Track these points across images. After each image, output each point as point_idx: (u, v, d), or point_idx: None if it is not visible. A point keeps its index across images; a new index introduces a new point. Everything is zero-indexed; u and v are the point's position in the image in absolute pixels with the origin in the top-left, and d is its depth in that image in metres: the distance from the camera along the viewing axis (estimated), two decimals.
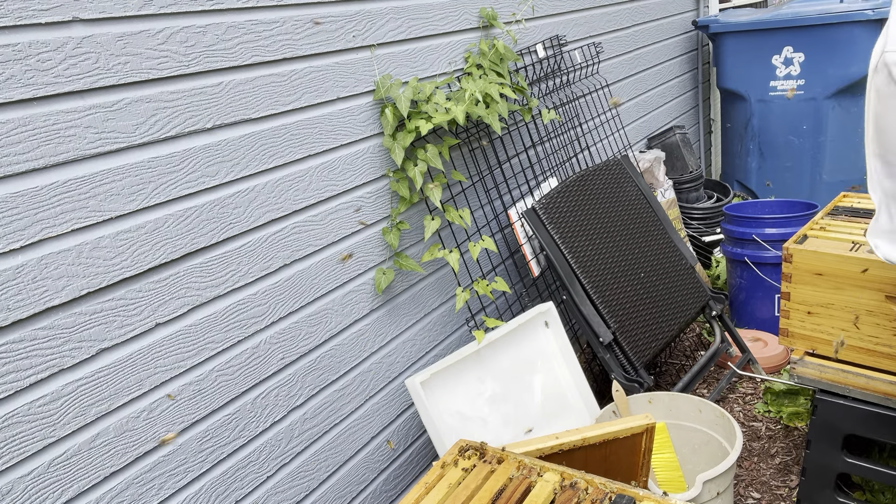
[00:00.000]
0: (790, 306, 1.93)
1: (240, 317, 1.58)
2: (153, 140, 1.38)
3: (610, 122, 3.13)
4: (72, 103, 1.25)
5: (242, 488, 1.61)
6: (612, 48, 3.25)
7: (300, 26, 1.68)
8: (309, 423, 1.78)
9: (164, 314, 1.42)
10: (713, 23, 3.79)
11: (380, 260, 1.97)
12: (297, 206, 1.70)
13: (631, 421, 1.57)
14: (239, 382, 1.59)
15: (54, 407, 1.25)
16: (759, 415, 2.56)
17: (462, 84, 2.09)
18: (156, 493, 1.42)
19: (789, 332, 1.96)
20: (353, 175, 1.85)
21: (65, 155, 1.24)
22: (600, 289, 2.34)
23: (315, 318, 1.77)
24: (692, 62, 4.23)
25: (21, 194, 1.18)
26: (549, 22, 2.73)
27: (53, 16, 1.21)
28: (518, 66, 2.50)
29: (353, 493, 1.93)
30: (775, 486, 2.20)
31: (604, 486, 1.21)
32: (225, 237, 1.53)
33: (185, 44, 1.43)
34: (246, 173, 1.57)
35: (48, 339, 1.23)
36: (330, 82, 1.77)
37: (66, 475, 1.27)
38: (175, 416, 1.45)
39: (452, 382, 2.00)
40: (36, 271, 1.21)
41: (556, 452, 1.51)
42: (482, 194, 2.37)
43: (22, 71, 1.17)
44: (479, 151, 2.33)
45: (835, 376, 1.82)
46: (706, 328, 3.15)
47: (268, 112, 1.61)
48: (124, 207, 1.34)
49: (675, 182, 3.59)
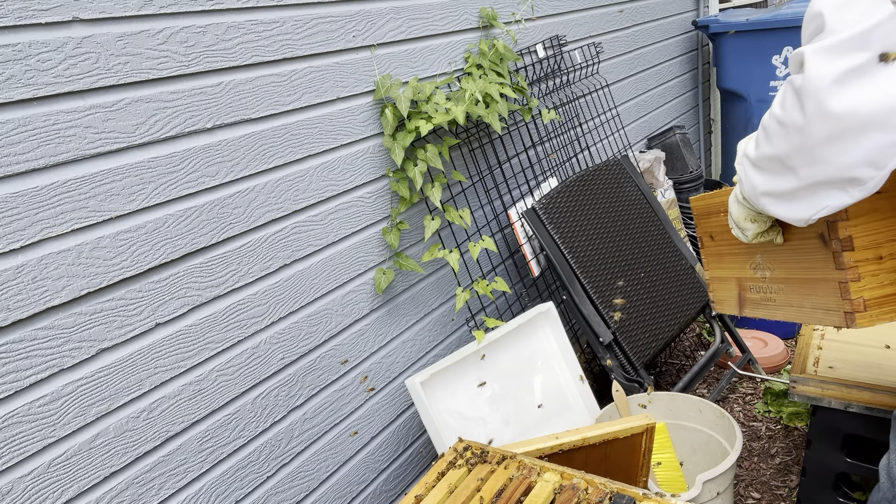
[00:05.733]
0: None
1: (240, 317, 1.58)
2: (153, 140, 1.38)
3: (610, 122, 3.13)
4: (72, 103, 1.25)
5: (242, 488, 1.61)
6: (612, 48, 3.24)
7: (300, 26, 1.68)
8: (309, 423, 1.78)
9: (164, 314, 1.42)
10: (713, 23, 3.79)
11: (380, 260, 1.97)
12: (297, 206, 1.70)
13: (631, 421, 1.57)
14: (239, 382, 1.59)
15: (54, 407, 1.25)
16: (759, 415, 2.56)
17: (462, 84, 2.09)
18: (156, 493, 1.42)
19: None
20: (353, 175, 1.85)
21: (65, 155, 1.24)
22: (600, 289, 2.34)
23: (315, 318, 1.77)
24: (692, 62, 4.23)
25: (21, 194, 1.18)
26: (549, 22, 2.73)
27: (53, 16, 1.21)
28: (518, 66, 2.50)
29: (353, 494, 1.93)
30: (775, 486, 2.20)
31: (604, 486, 1.21)
32: (225, 237, 1.53)
33: (185, 44, 1.43)
34: (246, 173, 1.57)
35: (48, 339, 1.23)
36: (330, 82, 1.77)
37: (66, 475, 1.27)
38: (175, 416, 1.45)
39: (452, 382, 1.99)
40: (36, 271, 1.21)
41: (556, 452, 1.51)
42: (482, 194, 2.37)
43: (22, 71, 1.17)
44: (479, 151, 2.33)
45: (837, 392, 1.81)
46: (706, 328, 3.15)
47: (268, 112, 1.61)
48: (124, 207, 1.34)
49: (675, 182, 3.58)
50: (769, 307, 1.39)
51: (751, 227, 1.21)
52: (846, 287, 1.12)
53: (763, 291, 1.40)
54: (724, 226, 1.40)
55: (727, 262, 1.49)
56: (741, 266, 1.44)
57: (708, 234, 1.53)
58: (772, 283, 1.36)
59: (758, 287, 1.41)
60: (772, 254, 1.33)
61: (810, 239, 1.19)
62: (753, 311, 1.45)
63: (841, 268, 1.12)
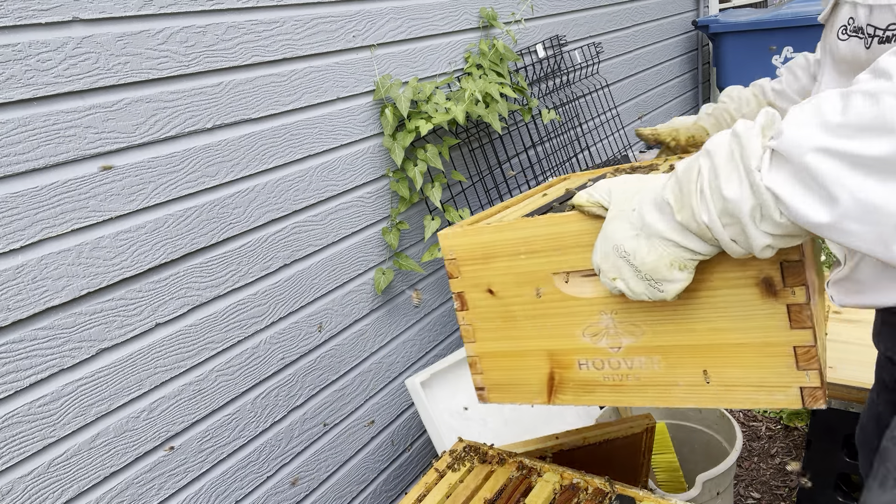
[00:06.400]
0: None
1: (240, 317, 1.58)
2: (153, 140, 1.38)
3: (610, 122, 3.13)
4: (72, 103, 1.25)
5: (242, 488, 1.61)
6: (612, 48, 3.25)
7: (300, 26, 1.68)
8: (309, 423, 1.78)
9: (164, 314, 1.42)
10: (713, 23, 3.79)
11: (380, 260, 1.97)
12: (297, 206, 1.70)
13: (631, 421, 1.57)
14: (239, 382, 1.59)
15: (54, 407, 1.25)
16: (759, 415, 2.56)
17: (462, 84, 2.09)
18: (156, 493, 1.42)
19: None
20: (352, 175, 1.85)
21: (65, 155, 1.24)
22: None
23: (315, 318, 1.77)
24: (692, 62, 4.23)
25: (21, 194, 1.18)
26: (549, 22, 2.73)
27: (53, 16, 1.21)
28: (518, 66, 2.50)
29: (353, 493, 1.93)
30: (775, 486, 2.20)
31: (604, 486, 1.21)
32: (225, 237, 1.53)
33: (185, 44, 1.43)
34: (246, 173, 1.57)
35: (48, 339, 1.23)
36: (330, 82, 1.77)
37: (66, 475, 1.27)
38: (175, 416, 1.45)
39: (452, 382, 1.99)
40: (36, 271, 1.21)
41: (556, 452, 1.51)
42: (482, 194, 2.37)
43: (22, 71, 1.17)
44: (479, 151, 2.33)
45: (838, 393, 1.81)
46: None
47: (268, 112, 1.61)
48: (124, 207, 1.34)
49: None
50: (618, 391, 0.96)
51: (679, 278, 0.75)
52: (809, 354, 0.80)
53: (611, 368, 0.96)
54: (528, 274, 0.96)
55: (526, 328, 1.01)
56: (565, 334, 0.97)
57: (483, 287, 1.02)
58: (633, 356, 0.93)
59: (599, 362, 0.96)
60: (644, 312, 0.90)
61: (738, 288, 0.82)
62: (582, 397, 1.00)
63: (801, 326, 0.80)
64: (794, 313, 0.80)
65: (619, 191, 0.80)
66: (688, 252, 0.73)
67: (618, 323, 0.92)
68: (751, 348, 0.85)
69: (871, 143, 0.57)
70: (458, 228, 1.02)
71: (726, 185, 0.65)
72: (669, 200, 0.71)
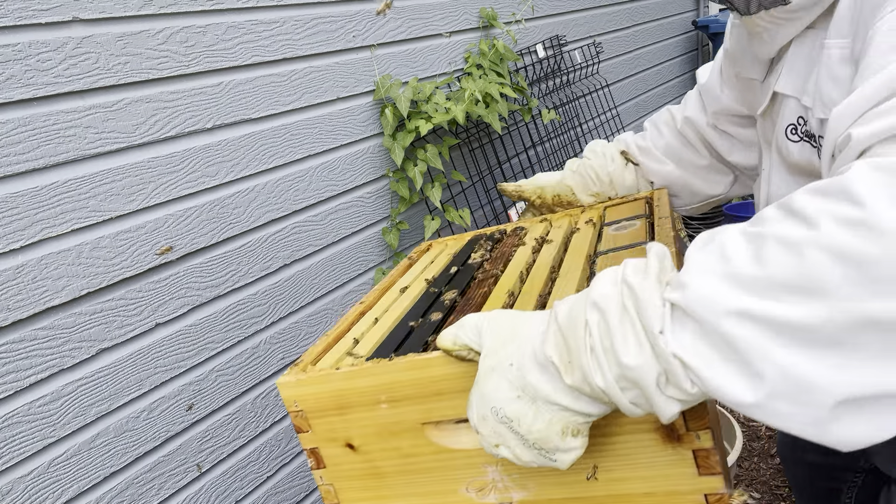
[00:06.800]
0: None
1: (240, 317, 1.58)
2: (153, 140, 1.38)
3: (610, 122, 3.13)
4: (72, 103, 1.25)
5: (242, 488, 1.61)
6: (612, 48, 3.25)
7: (300, 26, 1.68)
8: None
9: (164, 314, 1.42)
10: (713, 23, 3.79)
11: (380, 260, 1.97)
12: (297, 206, 1.70)
13: None
14: (239, 382, 1.59)
15: (54, 407, 1.25)
16: None
17: (462, 84, 2.09)
18: (156, 493, 1.42)
19: None
20: (353, 175, 1.85)
21: (65, 155, 1.24)
22: None
23: (315, 318, 1.77)
24: (692, 62, 4.23)
25: (21, 194, 1.18)
26: (549, 22, 2.73)
27: (53, 16, 1.21)
28: (518, 66, 2.50)
29: None
30: (775, 486, 2.20)
31: None
32: (225, 237, 1.53)
33: (185, 44, 1.43)
34: (246, 173, 1.57)
35: (48, 339, 1.23)
36: (330, 82, 1.77)
37: (66, 475, 1.27)
38: (175, 416, 1.45)
39: None
40: (36, 271, 1.21)
41: None
42: (482, 194, 2.37)
43: (22, 71, 1.17)
44: (479, 151, 2.33)
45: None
46: None
47: (268, 112, 1.61)
48: (124, 207, 1.34)
49: None
50: None
51: (574, 446, 0.64)
52: (722, 501, 0.72)
53: None
54: (393, 425, 0.82)
55: (399, 486, 0.87)
56: (444, 490, 0.84)
57: (341, 442, 0.86)
58: None
59: None
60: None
61: (637, 434, 0.73)
62: None
63: (709, 472, 0.71)
64: (700, 459, 0.71)
65: (490, 333, 0.68)
66: (580, 416, 0.62)
67: (506, 476, 0.80)
68: (656, 499, 0.75)
69: (798, 307, 0.47)
70: (302, 375, 0.84)
71: (623, 348, 0.55)
72: (553, 359, 0.61)
